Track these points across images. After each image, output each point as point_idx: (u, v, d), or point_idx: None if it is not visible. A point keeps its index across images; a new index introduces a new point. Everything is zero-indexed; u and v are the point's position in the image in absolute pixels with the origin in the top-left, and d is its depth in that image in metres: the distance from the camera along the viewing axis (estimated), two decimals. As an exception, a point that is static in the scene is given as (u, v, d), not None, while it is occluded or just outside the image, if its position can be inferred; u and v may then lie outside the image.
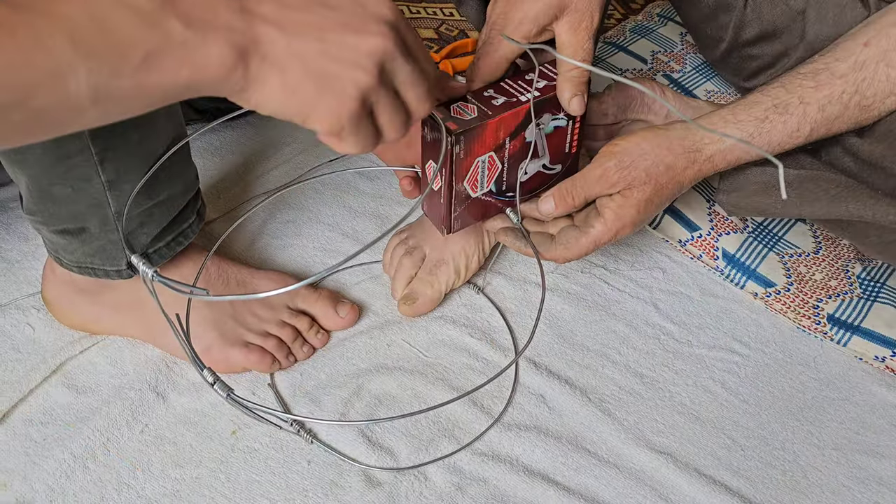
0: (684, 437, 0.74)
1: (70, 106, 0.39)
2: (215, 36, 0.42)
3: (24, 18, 0.37)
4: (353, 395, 0.74)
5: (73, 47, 0.38)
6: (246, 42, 0.43)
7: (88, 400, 0.73)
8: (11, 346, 0.76)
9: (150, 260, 0.71)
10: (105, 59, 0.39)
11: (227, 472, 0.68)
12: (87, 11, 0.39)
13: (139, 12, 0.40)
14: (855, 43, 0.68)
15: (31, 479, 0.67)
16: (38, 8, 0.38)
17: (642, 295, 0.86)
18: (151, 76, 0.41)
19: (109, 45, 0.39)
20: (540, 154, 0.71)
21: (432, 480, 0.69)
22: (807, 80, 0.68)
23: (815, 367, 0.80)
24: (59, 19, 0.38)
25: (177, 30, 0.41)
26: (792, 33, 0.89)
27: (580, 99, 0.67)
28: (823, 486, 0.71)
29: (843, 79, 0.68)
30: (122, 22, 0.40)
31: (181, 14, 0.41)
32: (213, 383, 0.61)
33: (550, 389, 0.76)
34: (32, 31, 0.37)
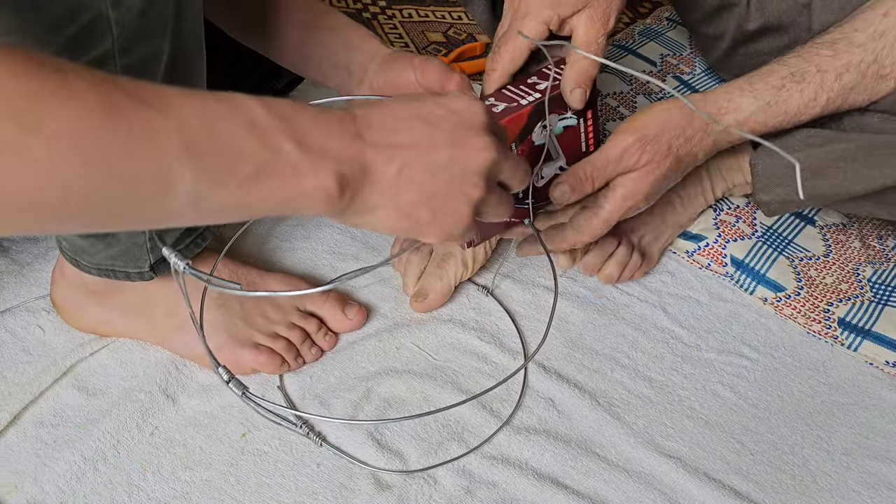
0: (693, 441, 0.73)
1: (168, 206, 0.38)
2: (325, 165, 0.41)
3: (141, 111, 0.36)
4: (363, 397, 0.74)
5: (185, 152, 0.37)
6: (355, 171, 0.43)
7: (98, 402, 0.73)
8: (22, 348, 0.76)
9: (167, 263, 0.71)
10: (213, 168, 0.38)
11: (237, 475, 0.68)
12: (202, 115, 0.38)
13: (255, 126, 0.39)
14: (874, 13, 0.68)
15: (42, 480, 0.67)
16: (156, 104, 0.37)
17: (651, 299, 0.86)
18: (254, 192, 0.40)
19: (220, 154, 0.38)
20: (554, 156, 0.70)
21: (441, 483, 0.69)
22: (824, 48, 0.68)
23: (824, 372, 0.80)
24: (175, 119, 0.37)
25: (289, 152, 0.40)
26: (798, 26, 0.89)
27: (582, 92, 0.67)
28: (833, 491, 0.71)
29: (862, 48, 0.67)
30: (236, 133, 0.39)
31: (296, 135, 0.41)
32: (228, 381, 0.62)
33: (559, 393, 0.76)
34: (148, 127, 0.36)
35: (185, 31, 0.58)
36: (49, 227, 0.37)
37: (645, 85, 1.08)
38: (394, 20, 1.27)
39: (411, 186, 0.45)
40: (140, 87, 0.37)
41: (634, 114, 0.69)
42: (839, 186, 0.73)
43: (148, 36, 0.54)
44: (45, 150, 0.33)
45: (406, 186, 0.45)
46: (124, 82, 0.36)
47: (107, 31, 0.52)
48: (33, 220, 0.36)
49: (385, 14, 1.28)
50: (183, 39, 0.58)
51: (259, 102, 0.40)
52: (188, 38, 0.59)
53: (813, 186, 0.74)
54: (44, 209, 0.35)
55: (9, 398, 0.72)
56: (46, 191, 0.34)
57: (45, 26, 0.49)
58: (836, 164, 0.72)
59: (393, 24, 1.26)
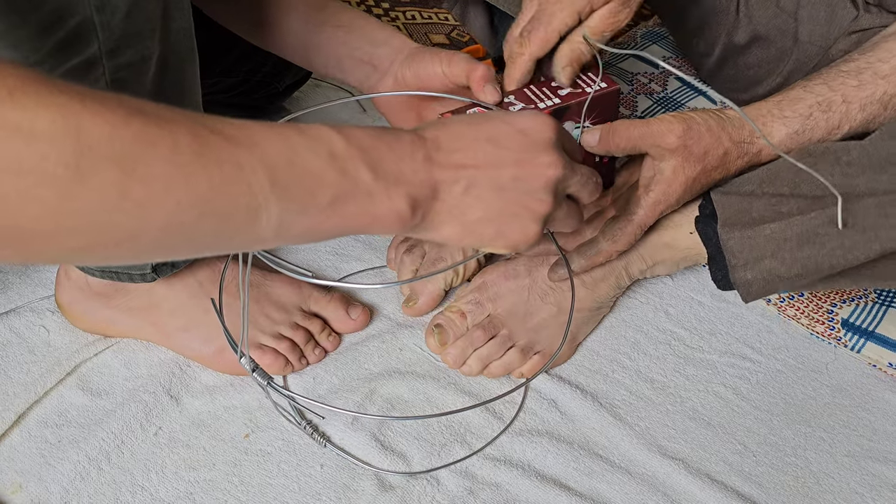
0: (696, 442, 0.74)
1: (255, 237, 0.40)
2: (398, 189, 0.44)
3: (229, 149, 0.38)
4: (366, 399, 0.74)
5: (271, 186, 0.39)
6: (425, 193, 0.45)
7: (103, 402, 0.73)
8: (27, 349, 0.77)
9: (174, 264, 0.72)
10: (297, 200, 0.40)
11: (241, 475, 0.69)
12: (286, 151, 0.40)
13: (334, 157, 0.42)
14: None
15: (47, 480, 0.68)
16: (242, 141, 0.38)
17: (653, 301, 0.86)
18: (332, 219, 0.42)
19: (303, 186, 0.40)
20: None
21: (445, 485, 0.69)
22: (850, 78, 0.68)
23: (827, 374, 0.80)
24: (262, 157, 0.39)
25: (365, 179, 0.43)
26: (785, 35, 0.89)
27: (571, 70, 0.67)
28: (836, 493, 0.71)
29: (886, 80, 0.68)
30: (318, 165, 0.41)
31: (371, 163, 0.43)
32: (252, 370, 0.62)
33: (562, 395, 0.76)
34: (237, 164, 0.38)
35: (174, 31, 0.58)
36: (144, 259, 0.39)
37: (646, 85, 1.09)
38: (397, 22, 1.27)
39: (477, 205, 0.47)
40: (226, 125, 0.39)
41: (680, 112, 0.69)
42: (832, 256, 0.67)
43: (135, 38, 0.55)
44: (144, 191, 0.35)
45: (472, 205, 0.47)
46: (211, 120, 0.38)
47: (93, 34, 0.52)
48: (131, 255, 0.38)
49: (388, 16, 1.28)
50: (172, 39, 0.58)
51: (339, 133, 0.42)
52: (178, 37, 0.59)
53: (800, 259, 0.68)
54: (142, 245, 0.37)
55: (13, 398, 0.72)
56: (144, 229, 0.36)
57: (32, 32, 0.50)
58: (827, 231, 0.67)
59: (396, 25, 1.26)
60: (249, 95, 0.94)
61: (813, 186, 0.67)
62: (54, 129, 0.32)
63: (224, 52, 0.88)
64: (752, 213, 0.69)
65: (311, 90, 1.07)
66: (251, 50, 0.84)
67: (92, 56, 0.53)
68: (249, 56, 0.89)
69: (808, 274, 0.68)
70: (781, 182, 0.69)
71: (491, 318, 0.76)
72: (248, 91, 0.93)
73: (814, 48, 0.87)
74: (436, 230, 0.47)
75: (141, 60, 0.56)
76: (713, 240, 0.72)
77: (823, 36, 0.85)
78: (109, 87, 0.55)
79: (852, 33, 0.83)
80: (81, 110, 0.33)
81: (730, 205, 0.70)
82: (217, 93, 0.90)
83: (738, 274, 0.70)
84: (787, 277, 0.69)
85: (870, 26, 0.81)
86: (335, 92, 1.07)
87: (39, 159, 0.32)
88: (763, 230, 0.68)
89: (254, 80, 0.92)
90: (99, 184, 0.34)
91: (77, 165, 0.33)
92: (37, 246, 0.35)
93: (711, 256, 0.73)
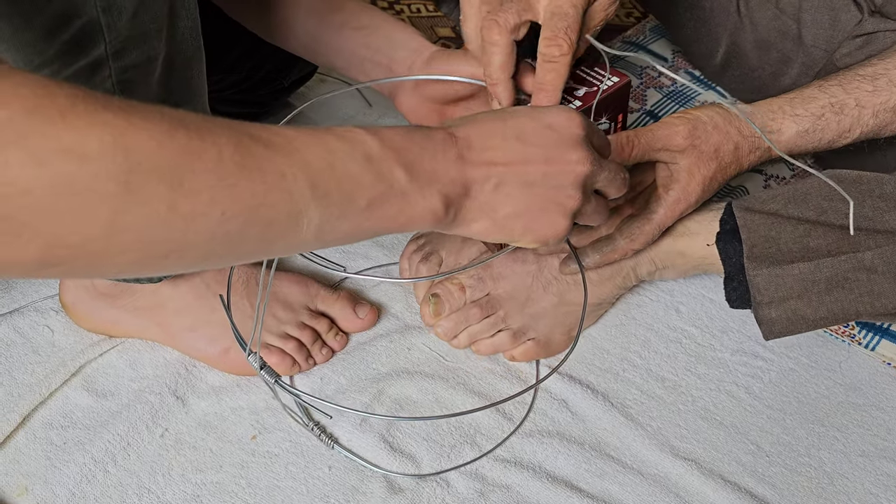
0: (708, 442, 0.73)
1: (296, 242, 0.41)
2: (432, 188, 0.45)
3: (271, 157, 0.38)
4: (374, 399, 0.74)
5: (312, 191, 0.40)
6: (458, 190, 0.46)
7: (108, 403, 0.72)
8: (31, 349, 0.76)
9: None
10: (336, 204, 0.41)
11: (248, 478, 0.68)
12: (325, 157, 0.41)
13: (370, 159, 0.42)
14: None
15: (52, 483, 0.67)
16: (283, 147, 0.39)
17: (663, 298, 0.85)
18: (370, 221, 0.43)
19: (342, 191, 0.41)
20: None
21: (454, 487, 0.68)
22: (865, 83, 0.67)
23: (840, 372, 0.79)
24: (302, 163, 0.39)
25: (400, 180, 0.43)
26: (787, 38, 0.88)
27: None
28: (850, 494, 0.70)
29: None
30: (355, 169, 0.42)
31: (406, 164, 0.44)
32: (261, 367, 0.62)
33: (572, 394, 0.75)
34: (278, 172, 0.38)
35: (180, 30, 0.58)
36: (190, 269, 0.40)
37: (656, 79, 1.07)
38: (402, 15, 1.26)
39: (507, 201, 0.48)
40: (266, 131, 0.39)
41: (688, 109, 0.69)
42: (859, 302, 0.66)
43: (142, 38, 0.54)
44: (190, 204, 0.35)
45: (502, 201, 0.48)
46: (252, 128, 0.39)
47: (99, 36, 0.51)
48: (179, 266, 0.39)
49: (393, 9, 1.27)
50: (179, 39, 0.57)
51: (374, 136, 0.43)
52: (185, 37, 0.58)
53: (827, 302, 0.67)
54: (188, 256, 0.38)
55: (18, 399, 0.72)
56: (191, 241, 0.37)
57: (37, 34, 0.49)
58: (857, 276, 0.65)
59: (402, 18, 1.24)
60: (254, 92, 0.92)
61: (840, 215, 0.66)
62: (103, 148, 0.33)
63: (226, 49, 0.87)
64: (779, 245, 0.68)
65: (317, 85, 1.06)
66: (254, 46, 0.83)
67: (98, 58, 0.52)
68: (252, 53, 0.88)
69: (834, 318, 0.67)
70: (808, 206, 0.67)
71: (490, 298, 0.75)
72: (252, 88, 0.92)
73: (818, 51, 0.86)
74: (467, 226, 0.48)
75: (147, 61, 0.55)
76: (733, 259, 0.70)
77: (828, 39, 0.85)
78: (116, 87, 0.54)
79: (856, 37, 0.82)
80: (127, 127, 0.34)
81: (755, 228, 0.69)
82: (221, 90, 0.89)
83: (763, 311, 0.69)
84: (812, 319, 0.68)
85: (874, 30, 0.80)
86: (341, 86, 1.06)
87: (92, 178, 0.33)
88: (792, 270, 0.67)
89: (257, 77, 0.91)
90: (148, 198, 0.34)
91: (127, 182, 0.33)
92: (89, 263, 0.35)
93: (729, 276, 0.71)
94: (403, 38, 0.73)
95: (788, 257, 0.67)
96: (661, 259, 0.76)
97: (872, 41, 0.79)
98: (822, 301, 0.67)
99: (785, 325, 0.69)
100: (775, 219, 0.69)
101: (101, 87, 0.54)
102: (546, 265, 0.75)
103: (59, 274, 0.35)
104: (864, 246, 0.65)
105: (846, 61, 0.81)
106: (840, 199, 0.66)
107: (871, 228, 0.65)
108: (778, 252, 0.67)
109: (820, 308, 0.67)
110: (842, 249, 0.65)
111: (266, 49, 0.83)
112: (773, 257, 0.67)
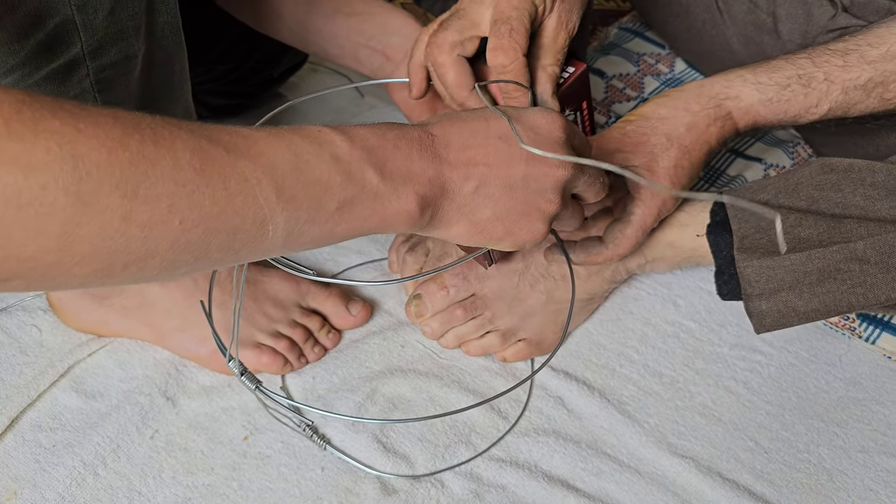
0: (706, 439, 0.72)
1: (263, 248, 0.40)
2: (406, 188, 0.43)
3: (232, 161, 0.37)
4: (367, 398, 0.73)
5: (277, 195, 0.38)
6: (435, 191, 0.44)
7: (97, 405, 0.71)
8: (18, 349, 0.75)
9: None
10: (304, 208, 0.40)
11: (240, 480, 0.67)
12: (291, 159, 0.39)
13: (339, 161, 0.41)
14: (889, 31, 0.65)
15: (41, 486, 0.66)
16: (244, 150, 0.38)
17: (661, 292, 0.84)
18: (342, 224, 0.42)
19: (310, 194, 0.40)
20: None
21: (449, 487, 0.67)
22: (835, 57, 0.65)
23: (840, 367, 0.78)
24: (266, 167, 0.38)
25: (372, 181, 0.42)
26: (762, 31, 0.87)
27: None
28: (849, 490, 0.69)
29: (872, 65, 0.65)
30: (323, 171, 0.40)
31: (378, 164, 0.42)
32: (241, 374, 0.61)
33: (568, 391, 0.74)
34: (241, 177, 0.37)
35: (160, 26, 0.56)
36: (154, 279, 0.39)
37: (653, 66, 1.05)
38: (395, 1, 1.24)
39: (487, 203, 0.46)
40: (227, 133, 0.38)
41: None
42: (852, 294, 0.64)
43: (119, 36, 0.52)
44: (147, 213, 0.34)
45: (482, 203, 0.46)
46: (211, 131, 0.37)
47: (74, 35, 0.50)
48: (140, 277, 0.37)
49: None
50: (159, 35, 0.56)
51: (343, 135, 0.42)
52: (165, 32, 0.57)
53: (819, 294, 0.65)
54: (150, 267, 0.36)
55: (6, 401, 0.71)
56: (151, 251, 0.36)
57: (9, 34, 0.48)
58: (849, 267, 0.64)
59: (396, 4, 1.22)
60: (242, 83, 0.91)
61: (830, 204, 0.64)
62: (51, 158, 0.32)
63: (214, 39, 0.85)
64: (770, 235, 0.66)
65: (308, 75, 1.04)
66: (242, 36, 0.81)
67: (75, 57, 0.51)
68: (241, 42, 0.86)
69: (827, 310, 0.66)
70: (799, 196, 0.66)
71: (475, 298, 0.74)
72: (241, 78, 0.90)
73: (793, 46, 0.85)
74: (445, 228, 0.47)
75: (126, 59, 0.53)
76: (724, 252, 0.69)
77: (802, 34, 0.83)
78: (94, 87, 0.53)
79: (830, 31, 0.81)
80: (76, 134, 0.33)
81: (746, 219, 0.67)
82: (208, 81, 0.87)
83: (754, 304, 0.67)
84: (803, 312, 0.66)
85: (847, 25, 0.79)
86: (332, 76, 1.04)
87: (39, 190, 0.32)
88: (783, 261, 0.65)
89: (246, 67, 0.89)
90: (101, 209, 0.33)
91: (77, 192, 0.32)
92: (45, 276, 0.34)
93: (720, 269, 0.70)
94: (398, 25, 0.71)
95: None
96: (651, 251, 0.75)
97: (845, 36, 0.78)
98: (813, 293, 0.65)
99: (776, 318, 0.68)
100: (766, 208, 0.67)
101: (78, 87, 0.52)
102: (533, 262, 0.74)
103: (15, 288, 0.34)
104: (855, 235, 0.63)
105: None
106: (832, 188, 0.64)
107: (862, 217, 0.63)
108: (769, 243, 0.66)
109: (812, 300, 0.66)
110: (833, 239, 0.64)
111: (255, 39, 0.82)
112: (764, 248, 0.66)
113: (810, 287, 0.65)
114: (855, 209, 0.63)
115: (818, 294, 0.65)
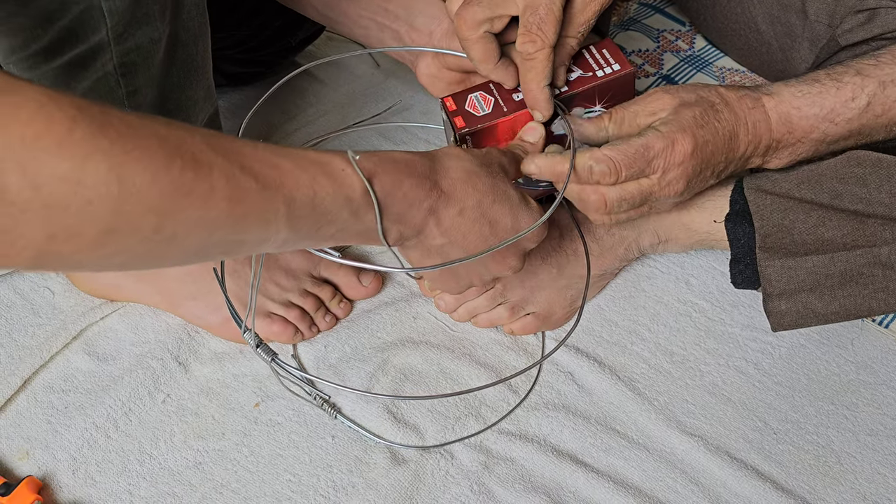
0: (715, 418, 0.72)
1: (260, 250, 0.45)
2: (393, 227, 0.50)
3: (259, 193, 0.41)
4: (378, 369, 0.73)
5: (287, 220, 0.43)
6: (413, 233, 0.52)
7: (109, 368, 0.72)
8: (31, 311, 0.75)
9: None
10: (305, 230, 0.45)
11: (251, 446, 0.67)
12: (309, 195, 0.44)
13: (350, 202, 0.47)
14: None
15: (53, 447, 0.67)
16: (272, 182, 0.42)
17: (674, 271, 0.83)
18: (329, 241, 0.48)
19: (315, 223, 0.45)
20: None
21: (458, 459, 0.67)
22: (865, 59, 0.65)
23: (852, 350, 0.78)
24: (286, 199, 0.43)
25: (370, 219, 0.48)
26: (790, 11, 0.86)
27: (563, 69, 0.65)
28: (857, 473, 0.69)
29: None
30: (334, 209, 0.46)
31: (383, 207, 0.48)
32: (256, 345, 0.61)
33: (579, 367, 0.74)
34: (262, 208, 0.42)
35: (186, 8, 0.56)
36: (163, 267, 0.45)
37: (673, 42, 1.04)
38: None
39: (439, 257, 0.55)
40: (260, 163, 0.42)
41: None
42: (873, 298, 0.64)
43: (145, 20, 0.52)
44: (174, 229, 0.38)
45: (439, 253, 0.54)
46: (246, 158, 0.41)
47: (100, 20, 0.50)
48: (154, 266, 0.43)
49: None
50: (184, 17, 0.56)
51: (361, 182, 0.47)
52: (190, 14, 0.56)
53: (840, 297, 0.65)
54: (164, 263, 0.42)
55: (19, 362, 0.71)
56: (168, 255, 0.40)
57: (34, 19, 0.48)
58: (872, 272, 0.63)
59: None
60: (260, 51, 0.90)
61: (854, 199, 0.64)
62: (98, 178, 0.35)
63: (234, 5, 0.84)
64: (793, 235, 0.65)
65: (324, 43, 1.03)
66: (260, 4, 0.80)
67: (99, 42, 0.51)
68: (259, 11, 0.85)
69: (846, 313, 0.66)
70: (822, 188, 0.65)
71: None
72: (259, 46, 0.89)
73: (821, 26, 0.83)
74: (402, 250, 0.56)
75: (150, 42, 0.53)
76: (741, 241, 0.68)
77: (830, 14, 0.82)
78: (117, 70, 0.53)
79: (859, 12, 0.79)
80: (124, 157, 0.36)
81: (768, 214, 0.66)
82: (227, 48, 0.86)
83: (773, 303, 0.67)
84: (822, 314, 0.66)
85: (877, 6, 0.77)
86: (348, 45, 1.03)
87: (85, 203, 0.35)
88: (805, 262, 0.65)
89: (264, 35, 0.88)
90: (137, 224, 0.37)
91: (118, 210, 0.36)
92: (76, 265, 0.39)
93: (736, 258, 0.69)
94: (422, 5, 0.70)
95: (802, 249, 0.65)
96: (665, 231, 0.74)
97: (875, 17, 0.76)
98: (834, 295, 0.65)
99: (794, 318, 0.68)
100: (788, 202, 0.66)
101: (101, 71, 0.53)
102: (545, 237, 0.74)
103: (49, 270, 0.39)
104: (880, 239, 0.63)
105: (849, 38, 0.78)
106: (857, 181, 0.63)
107: (887, 216, 0.63)
108: (791, 243, 0.65)
109: (832, 302, 0.66)
110: (857, 243, 0.63)
111: (274, 6, 0.81)
112: (787, 248, 0.66)
113: (831, 290, 0.65)
114: (879, 206, 0.63)
115: (839, 297, 0.65)
